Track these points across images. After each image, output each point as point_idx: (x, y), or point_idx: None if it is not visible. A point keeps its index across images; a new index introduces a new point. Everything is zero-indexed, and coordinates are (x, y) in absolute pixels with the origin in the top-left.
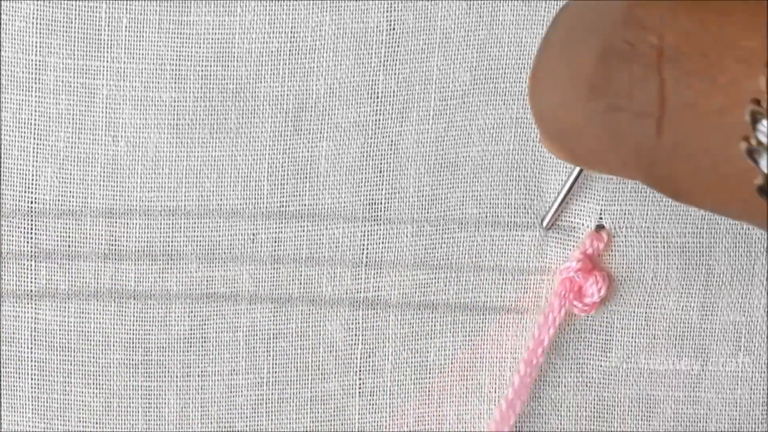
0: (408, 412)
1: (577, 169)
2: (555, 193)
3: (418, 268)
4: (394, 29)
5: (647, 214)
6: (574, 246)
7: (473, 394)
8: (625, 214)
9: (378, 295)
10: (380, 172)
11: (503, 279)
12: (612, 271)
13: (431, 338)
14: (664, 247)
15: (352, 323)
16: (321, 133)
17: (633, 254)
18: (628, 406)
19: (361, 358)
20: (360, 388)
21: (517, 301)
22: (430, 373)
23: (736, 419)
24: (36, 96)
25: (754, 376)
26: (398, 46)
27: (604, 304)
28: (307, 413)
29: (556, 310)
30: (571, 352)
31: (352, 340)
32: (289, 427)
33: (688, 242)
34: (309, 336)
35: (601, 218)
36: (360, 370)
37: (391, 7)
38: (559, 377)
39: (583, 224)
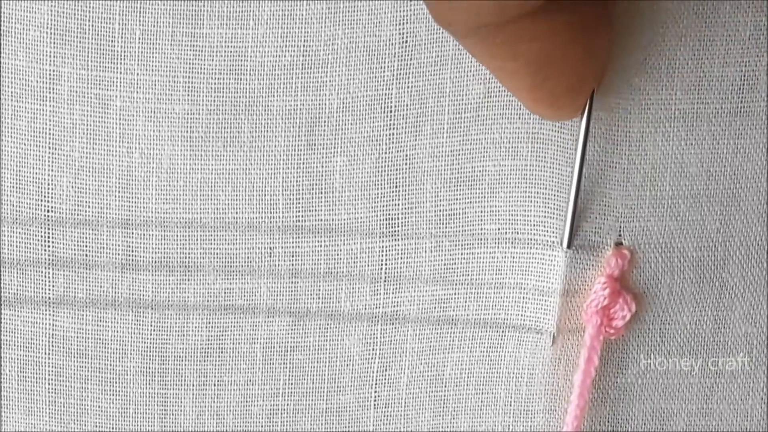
0: (423, 424)
1: (575, 185)
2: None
3: (437, 284)
4: (406, 42)
5: (665, 230)
6: (595, 265)
7: (488, 407)
8: (643, 230)
9: (396, 311)
10: (396, 186)
11: (524, 298)
12: (638, 290)
13: (448, 353)
14: (680, 261)
15: (370, 337)
16: (335, 147)
17: (650, 270)
18: (642, 420)
19: (377, 372)
20: (375, 400)
21: (538, 322)
22: (445, 386)
23: (747, 430)
24: (50, 106)
25: (765, 387)
26: (411, 60)
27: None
28: (322, 424)
29: (596, 349)
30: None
31: (369, 353)
32: None
33: (703, 256)
34: (326, 349)
35: (620, 235)
36: (376, 383)
37: (403, 20)
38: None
39: (603, 242)
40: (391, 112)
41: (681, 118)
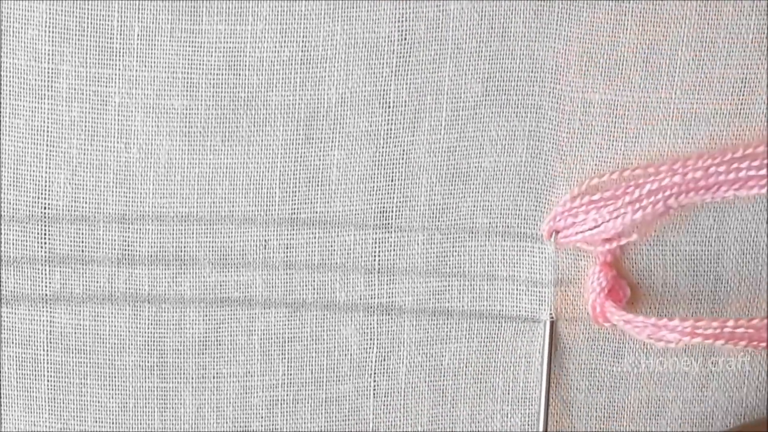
0: (422, 413)
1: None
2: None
3: (430, 276)
4: (405, 39)
5: (656, 223)
6: (587, 256)
7: (487, 396)
8: None
9: (392, 301)
10: (391, 180)
11: (517, 289)
12: (632, 280)
13: (446, 343)
14: (673, 255)
15: (367, 327)
16: (332, 141)
17: (642, 262)
18: (638, 407)
19: (375, 361)
20: (374, 389)
21: (533, 312)
22: (444, 376)
23: (741, 417)
24: (49, 103)
25: (759, 376)
26: (410, 56)
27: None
28: (321, 414)
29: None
30: (583, 357)
31: (366, 343)
32: (303, 428)
33: (697, 250)
34: (324, 339)
35: None
36: (374, 373)
37: (402, 16)
38: (571, 381)
39: None
40: (389, 107)
41: (679, 118)
